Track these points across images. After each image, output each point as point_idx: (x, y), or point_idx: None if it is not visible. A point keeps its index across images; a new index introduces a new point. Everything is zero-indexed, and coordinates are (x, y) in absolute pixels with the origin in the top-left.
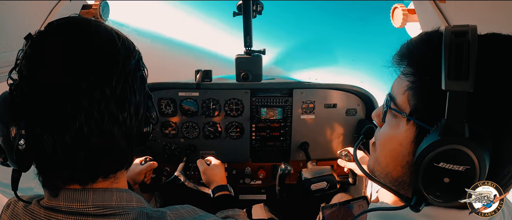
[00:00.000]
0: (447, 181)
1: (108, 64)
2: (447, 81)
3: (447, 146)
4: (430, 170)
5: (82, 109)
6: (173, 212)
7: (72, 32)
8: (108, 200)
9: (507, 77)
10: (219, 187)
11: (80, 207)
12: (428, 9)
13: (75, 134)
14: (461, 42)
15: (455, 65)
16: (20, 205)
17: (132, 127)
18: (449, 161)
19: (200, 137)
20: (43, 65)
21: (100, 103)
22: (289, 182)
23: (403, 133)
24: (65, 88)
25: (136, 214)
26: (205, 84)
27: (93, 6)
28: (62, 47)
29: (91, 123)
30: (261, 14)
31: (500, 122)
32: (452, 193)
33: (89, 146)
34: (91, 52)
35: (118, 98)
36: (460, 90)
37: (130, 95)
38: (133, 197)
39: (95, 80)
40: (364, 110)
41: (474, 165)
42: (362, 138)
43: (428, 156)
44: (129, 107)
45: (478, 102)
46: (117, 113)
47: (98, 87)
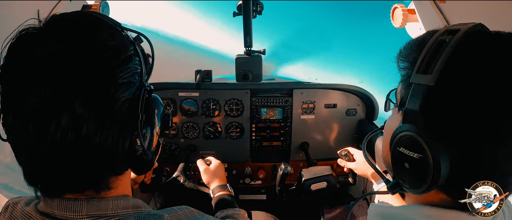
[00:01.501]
0: (407, 166)
1: (104, 72)
2: (415, 74)
3: (403, 132)
4: (395, 154)
5: (82, 116)
6: (171, 214)
7: (57, 43)
8: (103, 209)
9: (470, 74)
10: (220, 187)
11: (73, 216)
12: (428, 9)
13: (75, 138)
14: (444, 39)
15: (427, 60)
16: (18, 207)
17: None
18: (406, 147)
19: (200, 137)
20: (17, 77)
21: (83, 119)
22: (289, 182)
23: (395, 121)
24: (43, 105)
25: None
26: (205, 84)
27: (93, 6)
28: (43, 63)
29: (79, 135)
30: (261, 14)
31: (463, 121)
32: (412, 179)
33: (78, 159)
34: (87, 57)
35: None
36: (422, 83)
37: None
38: (130, 202)
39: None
40: (364, 110)
41: (427, 155)
42: (370, 133)
43: (394, 140)
44: None
45: (437, 97)
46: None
47: (83, 104)
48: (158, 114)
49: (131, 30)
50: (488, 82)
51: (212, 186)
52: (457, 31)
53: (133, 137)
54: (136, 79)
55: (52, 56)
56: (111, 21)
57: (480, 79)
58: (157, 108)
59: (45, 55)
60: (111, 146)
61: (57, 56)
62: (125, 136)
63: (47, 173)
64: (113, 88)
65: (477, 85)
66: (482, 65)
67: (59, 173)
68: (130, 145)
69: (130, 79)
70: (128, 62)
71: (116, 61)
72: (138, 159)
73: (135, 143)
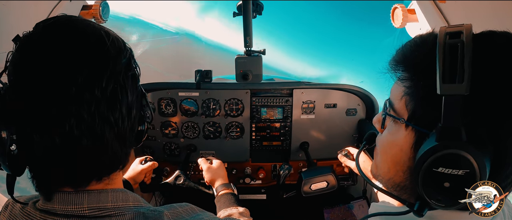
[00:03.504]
0: (447, 185)
1: (97, 65)
2: (442, 85)
3: (445, 151)
4: (430, 176)
5: (71, 112)
6: (171, 211)
7: (59, 34)
8: (104, 202)
9: (503, 76)
10: (223, 185)
11: (75, 209)
12: (428, 9)
13: (65, 137)
14: (455, 43)
15: (449, 67)
16: (18, 206)
17: (124, 128)
18: (448, 166)
19: (200, 137)
20: (29, 69)
21: (90, 105)
22: (289, 182)
23: (403, 139)
24: (53, 91)
25: (133, 214)
26: (205, 84)
27: (93, 6)
28: (49, 50)
29: (81, 126)
30: (261, 14)
31: (499, 124)
32: (453, 197)
33: (80, 148)
34: (79, 53)
35: (108, 99)
36: (455, 94)
37: (121, 95)
38: (129, 196)
39: (84, 81)
40: (364, 110)
41: (474, 169)
42: (364, 144)
43: (427, 161)
44: (121, 107)
45: (475, 105)
46: (108, 114)
47: (87, 89)
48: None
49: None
50: None
51: (215, 185)
52: (459, 33)
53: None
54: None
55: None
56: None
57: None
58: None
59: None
60: (122, 127)
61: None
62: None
63: (56, 172)
64: (125, 101)
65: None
66: (508, 62)
67: (75, 163)
68: (140, 120)
69: (138, 88)
70: (136, 77)
71: (126, 77)
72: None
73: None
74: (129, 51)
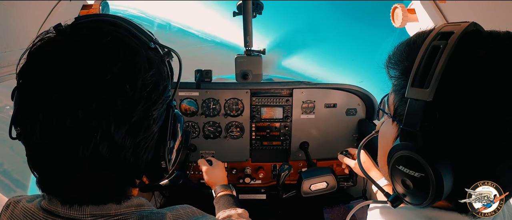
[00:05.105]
0: (408, 183)
1: (123, 95)
2: (410, 88)
3: (400, 152)
4: (396, 171)
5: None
6: (173, 213)
7: (83, 50)
8: (107, 209)
9: (471, 84)
10: (222, 187)
11: (77, 215)
12: (428, 9)
13: (71, 163)
14: (437, 45)
15: (423, 70)
16: (19, 206)
17: (140, 157)
18: (406, 166)
19: (200, 137)
20: (35, 81)
21: (99, 130)
22: (289, 182)
23: (389, 132)
24: (61, 111)
25: (135, 218)
26: (205, 84)
27: (93, 6)
28: (63, 66)
29: (87, 151)
30: (261, 14)
31: (463, 134)
32: (416, 197)
33: (87, 176)
34: (105, 77)
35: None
36: (418, 99)
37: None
38: (133, 201)
39: (98, 109)
40: (364, 110)
41: (429, 173)
42: (366, 138)
43: (392, 157)
44: (144, 135)
45: (440, 111)
46: (121, 142)
47: (102, 118)
48: (181, 127)
49: (160, 44)
50: (490, 91)
51: (214, 186)
52: (450, 34)
53: (161, 154)
54: (166, 100)
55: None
56: (144, 35)
57: (482, 89)
58: (180, 123)
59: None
60: (140, 163)
61: (96, 82)
62: (155, 154)
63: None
64: (151, 120)
65: (480, 95)
66: (481, 73)
67: (83, 188)
68: (156, 159)
69: (164, 107)
70: (164, 93)
71: (155, 94)
72: (159, 170)
73: (161, 158)
74: (167, 73)
